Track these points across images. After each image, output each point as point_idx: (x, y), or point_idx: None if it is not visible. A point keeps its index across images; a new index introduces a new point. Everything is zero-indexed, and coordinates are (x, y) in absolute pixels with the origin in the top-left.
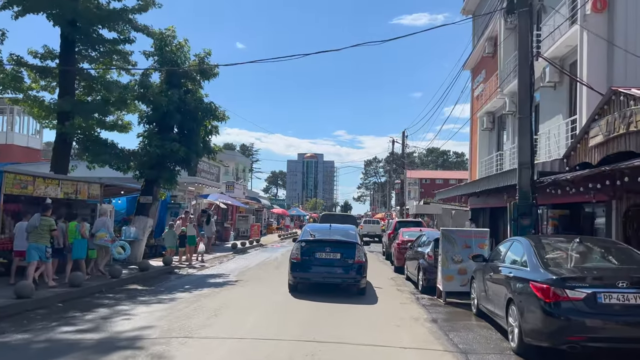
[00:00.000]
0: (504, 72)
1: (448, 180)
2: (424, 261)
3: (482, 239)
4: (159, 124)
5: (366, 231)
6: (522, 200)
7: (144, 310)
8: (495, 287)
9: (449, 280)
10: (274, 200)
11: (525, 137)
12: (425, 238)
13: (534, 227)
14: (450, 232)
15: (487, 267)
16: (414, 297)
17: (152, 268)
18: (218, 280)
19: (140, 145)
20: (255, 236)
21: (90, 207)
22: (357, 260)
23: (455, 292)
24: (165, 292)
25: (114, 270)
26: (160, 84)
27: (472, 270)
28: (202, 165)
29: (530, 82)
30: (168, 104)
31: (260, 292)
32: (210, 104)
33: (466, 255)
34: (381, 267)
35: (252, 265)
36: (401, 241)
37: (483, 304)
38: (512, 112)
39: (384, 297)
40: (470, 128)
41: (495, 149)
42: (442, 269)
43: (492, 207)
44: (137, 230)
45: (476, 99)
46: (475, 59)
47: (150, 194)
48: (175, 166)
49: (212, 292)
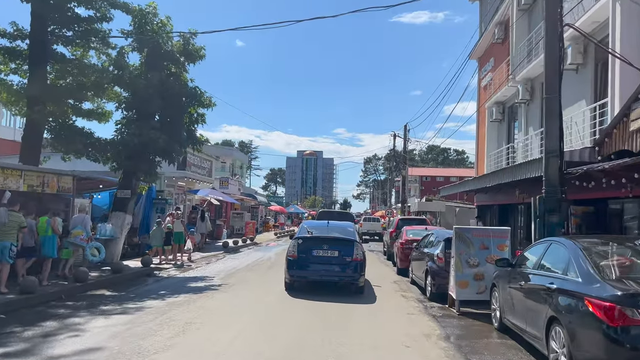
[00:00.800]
0: (516, 57)
1: (449, 178)
2: (433, 264)
3: (502, 239)
4: (138, 111)
5: (366, 229)
6: (550, 195)
7: (99, 325)
8: (528, 300)
9: (464, 286)
10: (271, 197)
11: (554, 119)
12: (434, 237)
13: (563, 226)
14: (464, 231)
15: (514, 273)
16: (422, 305)
17: (129, 270)
18: (200, 284)
19: (116, 133)
20: (250, 234)
21: (64, 201)
22: (356, 258)
23: (470, 300)
24: (134, 299)
25: (79, 273)
26: (140, 66)
27: (490, 275)
28: (193, 159)
29: (559, 55)
30: (147, 88)
31: (244, 300)
32: (195, 89)
33: (483, 258)
34: (383, 269)
35: (242, 266)
36: (405, 240)
37: (509, 317)
38: (525, 101)
39: (388, 305)
40: (477, 120)
41: (505, 141)
42: (456, 273)
43: (501, 204)
44: (113, 227)
45: (483, 89)
46: (483, 47)
47: (129, 188)
48: (156, 157)
49: (188, 300)
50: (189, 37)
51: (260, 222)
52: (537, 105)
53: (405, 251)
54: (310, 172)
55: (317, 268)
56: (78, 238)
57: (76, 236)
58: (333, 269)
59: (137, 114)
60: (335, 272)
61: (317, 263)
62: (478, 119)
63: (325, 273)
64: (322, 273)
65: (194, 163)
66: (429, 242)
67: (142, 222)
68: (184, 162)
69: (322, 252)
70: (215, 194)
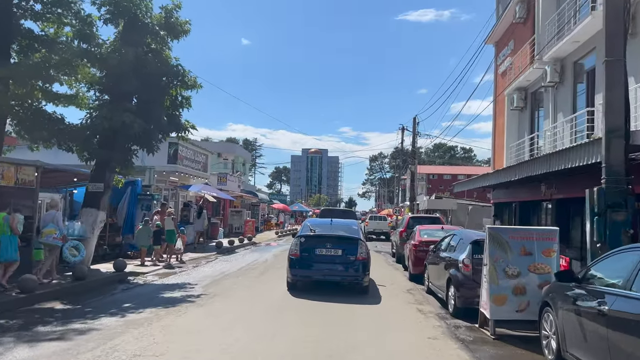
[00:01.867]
0: (543, 36)
1: (456, 176)
2: (457, 272)
3: (549, 242)
4: (111, 92)
5: (372, 228)
6: (613, 186)
7: (15, 358)
8: (616, 334)
9: (500, 303)
10: (274, 195)
11: (616, 89)
12: (457, 240)
13: (630, 226)
14: (501, 232)
15: (584, 292)
16: (445, 324)
17: (99, 275)
18: (176, 294)
19: (86, 117)
20: (249, 233)
21: (32, 196)
22: (360, 257)
23: (508, 320)
24: (88, 315)
25: (24, 282)
26: (115, 41)
27: (533, 288)
28: (186, 152)
29: (624, 7)
30: (120, 65)
31: (221, 318)
32: (178, 67)
33: (525, 266)
34: (392, 274)
35: (232, 270)
36: (418, 242)
37: (574, 352)
38: (554, 84)
39: (402, 325)
40: (494, 110)
41: (528, 131)
42: (490, 286)
43: (523, 202)
44: (83, 225)
45: (501, 76)
46: (501, 30)
47: (102, 181)
48: (132, 145)
49: (152, 317)
50: (172, 9)
51: (261, 220)
52: (568, 88)
53: (419, 254)
54: (315, 170)
55: (321, 267)
56: (50, 237)
57: (48, 235)
58: (337, 269)
59: (110, 94)
60: (339, 272)
61: (320, 262)
62: (495, 109)
63: (329, 272)
64: (326, 272)
65: (186, 156)
66: (450, 245)
67: (126, 220)
68: (175, 155)
69: (325, 251)
70: (209, 189)
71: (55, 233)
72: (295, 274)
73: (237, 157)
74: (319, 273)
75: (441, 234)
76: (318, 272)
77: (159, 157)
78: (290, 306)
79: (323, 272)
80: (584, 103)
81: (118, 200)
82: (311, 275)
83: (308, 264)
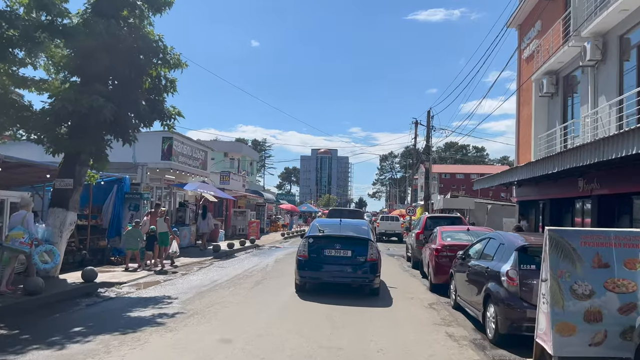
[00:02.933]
0: (580, 9)
1: (469, 175)
2: (500, 287)
3: (634, 249)
4: (81, 72)
5: (384, 229)
6: None
7: None
8: None
9: (567, 332)
10: (282, 195)
11: None
12: (495, 245)
13: None
14: (565, 235)
15: None
16: (486, 356)
17: (62, 287)
18: (147, 312)
19: (50, 101)
20: (253, 235)
21: None
22: (370, 258)
23: (578, 358)
24: (16, 346)
25: None
26: (85, 12)
27: (613, 313)
28: (182, 147)
29: None
30: (88, 38)
31: (189, 352)
32: (158, 43)
33: (601, 283)
34: (410, 282)
35: (224, 279)
36: (441, 246)
37: None
38: (595, 62)
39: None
40: (517, 100)
41: (560, 119)
42: (552, 309)
43: (554, 199)
44: (49, 228)
45: (526, 61)
46: (526, 10)
47: (71, 176)
48: (106, 134)
49: (99, 350)
50: None
51: (267, 221)
52: (612, 67)
53: (442, 260)
54: (325, 170)
55: (330, 269)
56: (17, 241)
57: (14, 239)
58: (346, 270)
59: (80, 76)
60: (349, 273)
61: (329, 263)
62: (519, 99)
63: (338, 274)
64: (335, 274)
65: (182, 152)
66: (485, 251)
67: (112, 221)
68: (169, 151)
69: (334, 252)
70: (206, 188)
71: (23, 237)
72: (304, 275)
73: (244, 157)
74: (328, 275)
75: (468, 237)
76: (327, 274)
77: (151, 153)
78: (282, 337)
79: (332, 274)
80: (634, 83)
81: (103, 199)
82: (320, 277)
83: (317, 266)
